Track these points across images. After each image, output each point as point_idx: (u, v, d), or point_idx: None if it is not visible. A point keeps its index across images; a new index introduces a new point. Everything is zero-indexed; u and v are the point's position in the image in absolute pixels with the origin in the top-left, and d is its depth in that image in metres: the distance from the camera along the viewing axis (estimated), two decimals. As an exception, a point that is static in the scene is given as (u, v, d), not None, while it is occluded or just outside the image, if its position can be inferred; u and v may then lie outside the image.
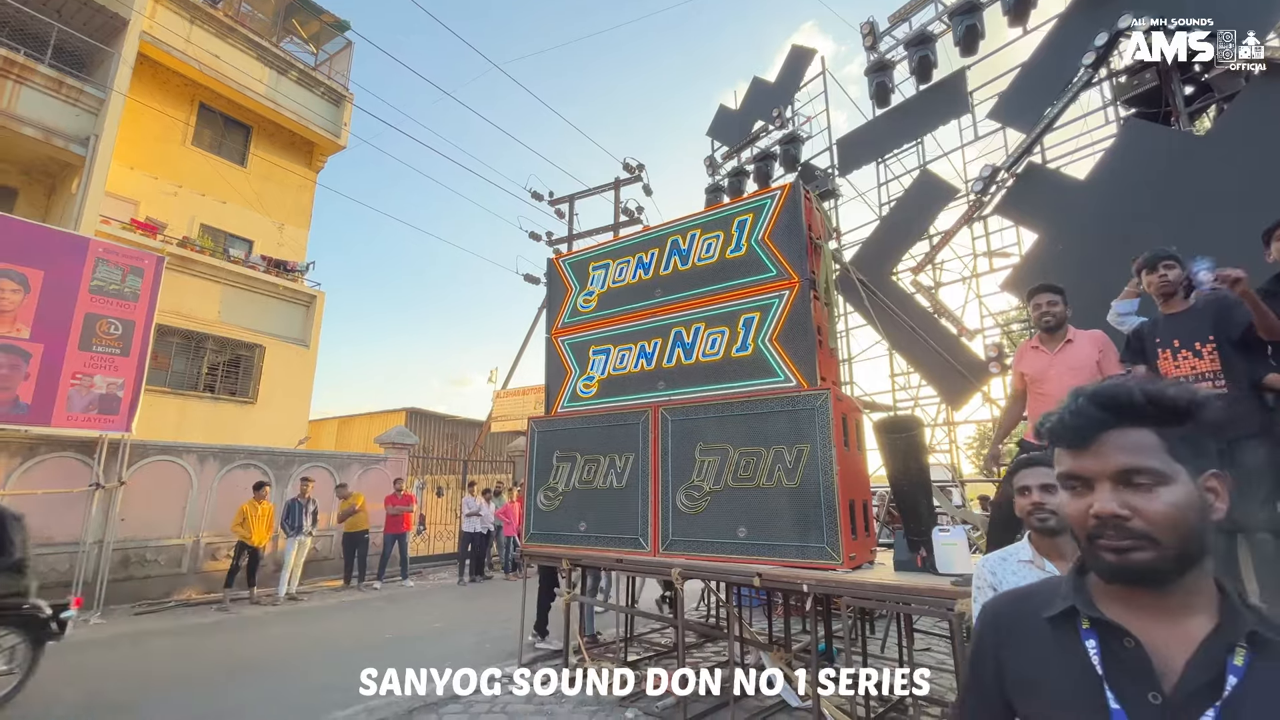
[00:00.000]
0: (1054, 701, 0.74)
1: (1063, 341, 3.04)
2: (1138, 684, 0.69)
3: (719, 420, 4.42)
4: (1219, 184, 4.64)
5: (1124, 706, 0.68)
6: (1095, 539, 0.71)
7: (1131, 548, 0.68)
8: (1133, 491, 0.69)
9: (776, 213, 4.61)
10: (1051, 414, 0.80)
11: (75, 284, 7.49)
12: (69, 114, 11.00)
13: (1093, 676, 0.71)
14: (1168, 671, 0.68)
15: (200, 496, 8.76)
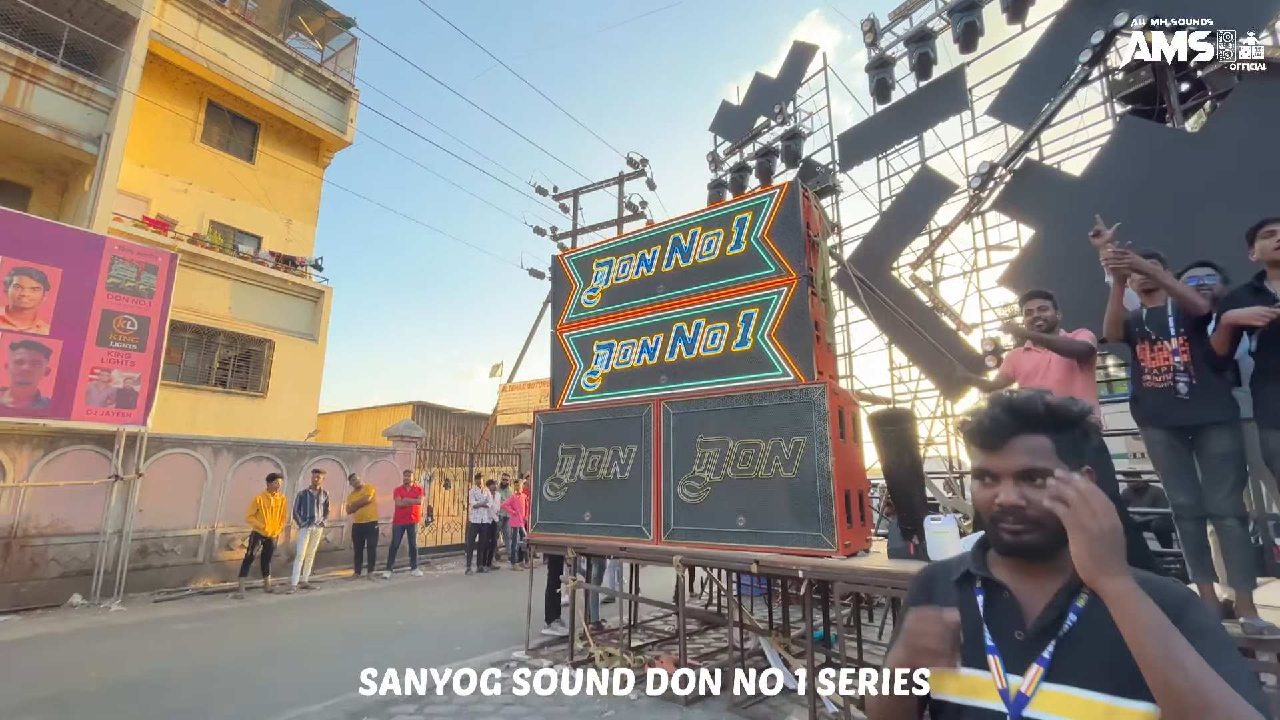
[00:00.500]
0: None
1: None
2: (1008, 625, 0.90)
3: (719, 413, 4.57)
4: (1211, 181, 4.72)
5: (997, 642, 0.89)
6: (997, 522, 0.90)
7: (1024, 530, 0.87)
8: (1030, 486, 0.87)
9: (775, 211, 4.72)
10: (970, 419, 0.96)
11: (92, 281, 7.68)
12: (81, 113, 11.15)
13: (978, 621, 0.92)
14: (1032, 615, 0.88)
15: (215, 488, 8.98)
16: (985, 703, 0.86)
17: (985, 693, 0.87)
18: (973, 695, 0.88)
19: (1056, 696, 0.81)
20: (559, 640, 5.70)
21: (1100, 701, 0.78)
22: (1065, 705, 0.80)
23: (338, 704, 4.08)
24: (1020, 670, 0.85)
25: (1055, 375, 3.01)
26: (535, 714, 3.97)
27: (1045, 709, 0.81)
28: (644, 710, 4.03)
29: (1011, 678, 0.85)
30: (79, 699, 4.24)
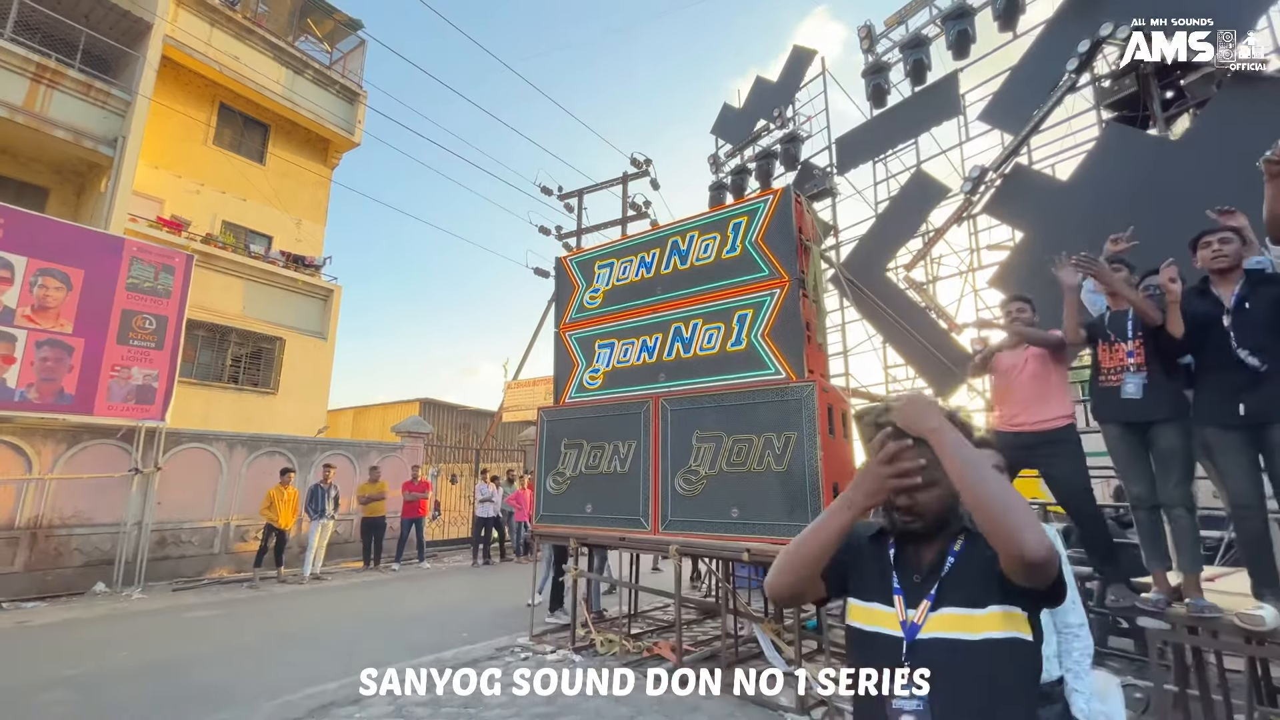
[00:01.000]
0: (868, 585, 1.17)
1: None
2: (909, 571, 1.15)
3: (715, 410, 4.78)
4: (1190, 187, 4.88)
5: (901, 585, 1.14)
6: (890, 511, 1.14)
7: (911, 521, 1.12)
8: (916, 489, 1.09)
9: (769, 216, 4.92)
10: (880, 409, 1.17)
11: (113, 282, 7.96)
12: (98, 116, 11.45)
13: (889, 567, 1.17)
14: (924, 560, 1.14)
15: (230, 482, 9.27)
16: (889, 631, 1.10)
17: (889, 624, 1.11)
18: (881, 625, 1.12)
19: (937, 618, 1.07)
20: (562, 627, 5.93)
21: (962, 614, 1.05)
22: (941, 623, 1.06)
23: (352, 682, 4.32)
24: (916, 605, 1.10)
25: (1030, 372, 3.21)
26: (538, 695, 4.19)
27: (929, 629, 1.06)
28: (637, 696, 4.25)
29: (910, 611, 1.09)
30: (108, 677, 4.50)
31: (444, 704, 3.99)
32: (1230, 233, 2.63)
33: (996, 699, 1.01)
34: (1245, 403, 2.44)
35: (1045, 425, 3.07)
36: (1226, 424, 2.50)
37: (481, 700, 4.06)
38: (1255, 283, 2.57)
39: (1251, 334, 2.50)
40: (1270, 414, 2.39)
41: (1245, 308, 2.54)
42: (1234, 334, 2.51)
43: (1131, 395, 2.76)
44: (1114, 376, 2.85)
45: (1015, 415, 3.21)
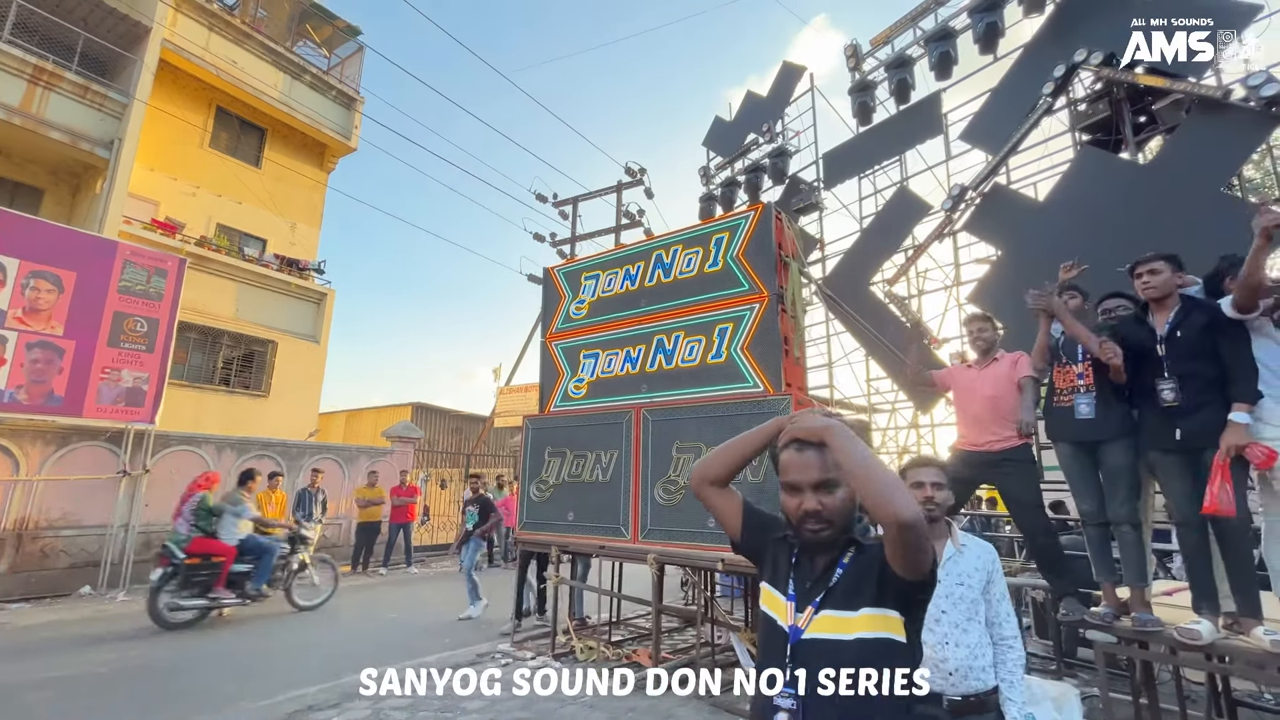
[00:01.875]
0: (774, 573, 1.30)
1: (990, 361, 3.46)
2: (804, 577, 1.25)
3: (695, 421, 4.87)
4: (1158, 211, 5.03)
5: (795, 588, 1.24)
6: (799, 525, 1.22)
7: (822, 529, 1.20)
8: (825, 494, 1.18)
9: (750, 232, 5.04)
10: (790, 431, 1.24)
11: (105, 284, 8.02)
12: (94, 118, 11.52)
13: (788, 569, 1.28)
14: (817, 569, 1.23)
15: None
16: (780, 621, 1.22)
17: (782, 614, 1.23)
18: (777, 613, 1.24)
19: (818, 621, 1.18)
20: (543, 634, 6.00)
21: (838, 616, 1.16)
22: (820, 625, 1.17)
23: (334, 686, 4.39)
24: (802, 609, 1.20)
25: (986, 393, 3.32)
26: (515, 699, 4.27)
27: (811, 631, 1.17)
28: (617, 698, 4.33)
29: (798, 615, 1.20)
30: (93, 680, 4.55)
31: (421, 707, 4.06)
32: (1160, 262, 2.74)
33: (865, 696, 1.09)
34: (1180, 428, 2.56)
35: (1001, 445, 3.18)
36: (1166, 448, 2.62)
37: (459, 705, 4.13)
38: (1188, 310, 2.68)
39: (1180, 361, 2.61)
40: (1203, 439, 2.51)
41: (1177, 335, 2.65)
42: (1166, 361, 2.63)
43: (1084, 416, 2.87)
44: (1066, 397, 2.96)
45: (972, 435, 3.32)
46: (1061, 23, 5.97)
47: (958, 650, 1.84)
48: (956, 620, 1.88)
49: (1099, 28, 5.66)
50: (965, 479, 3.44)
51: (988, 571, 1.92)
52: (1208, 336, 2.56)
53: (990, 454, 3.21)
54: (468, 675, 4.76)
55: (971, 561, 1.93)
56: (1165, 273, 2.72)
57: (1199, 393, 2.55)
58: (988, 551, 1.97)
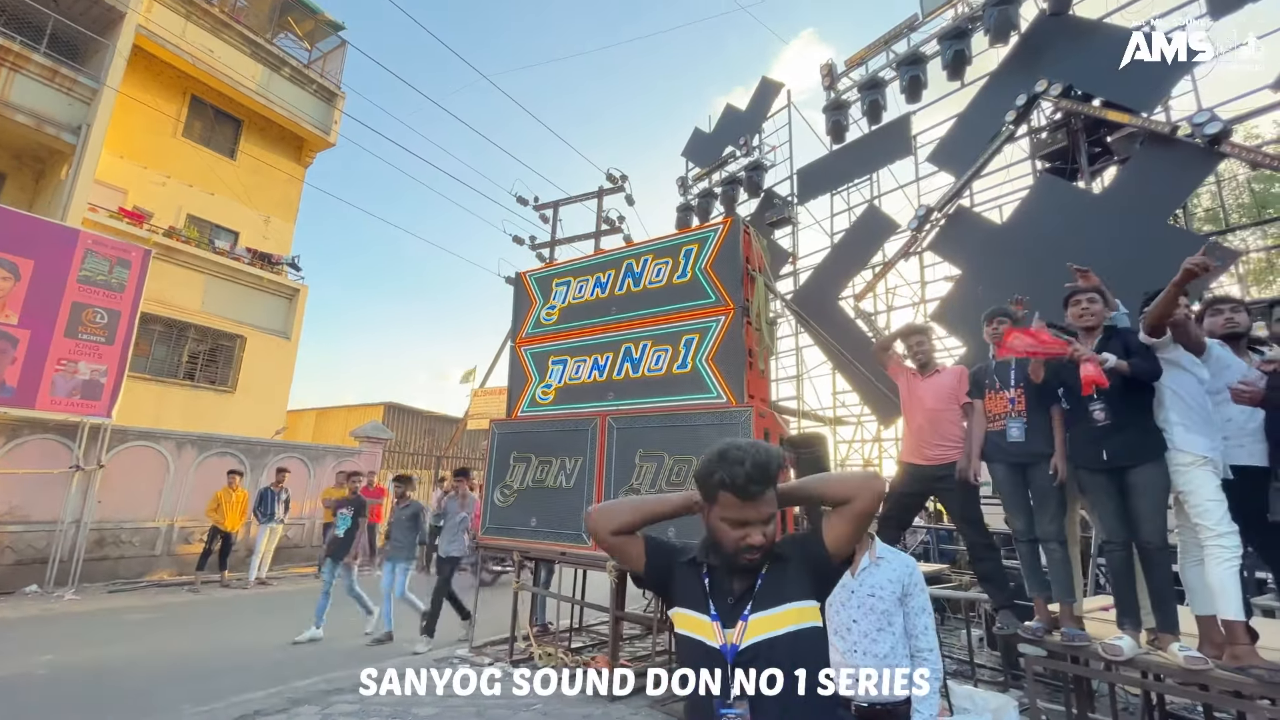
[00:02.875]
0: (688, 597, 1.31)
1: (931, 372, 3.59)
2: (722, 594, 1.28)
3: (658, 430, 4.92)
4: (1110, 238, 5.23)
5: (716, 608, 1.27)
6: (738, 554, 1.22)
7: (760, 556, 1.23)
8: (768, 525, 1.22)
9: (718, 245, 5.11)
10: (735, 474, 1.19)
11: (64, 273, 7.81)
12: (62, 102, 11.23)
13: (703, 593, 1.29)
14: (735, 586, 1.27)
15: (177, 482, 9.08)
16: (709, 641, 1.24)
17: (709, 634, 1.25)
18: (702, 634, 1.26)
19: (751, 627, 1.22)
20: (503, 640, 5.97)
21: (767, 615, 1.22)
22: (754, 628, 1.22)
23: (279, 692, 4.32)
24: (732, 624, 1.23)
25: (928, 404, 3.44)
26: (469, 704, 4.25)
27: (747, 638, 1.21)
28: (572, 704, 4.33)
29: (727, 631, 1.23)
30: (27, 681, 4.41)
31: (371, 713, 4.02)
32: (1095, 293, 2.89)
33: (805, 683, 1.17)
34: (1106, 449, 2.68)
35: (938, 460, 3.30)
36: (1094, 467, 2.74)
37: (410, 710, 4.09)
38: (1109, 337, 2.83)
39: None
40: (1126, 458, 2.63)
41: None
42: None
43: (1014, 439, 3.00)
44: (999, 421, 3.09)
45: (914, 448, 3.44)
46: (1025, 54, 6.18)
47: (866, 659, 1.91)
48: (866, 630, 1.95)
49: (1060, 60, 5.88)
50: (912, 493, 3.54)
51: (903, 584, 1.99)
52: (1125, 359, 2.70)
53: (931, 468, 3.32)
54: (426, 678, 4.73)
55: (887, 574, 2.00)
56: (1100, 303, 2.87)
57: (1122, 414, 2.67)
58: (905, 565, 2.03)
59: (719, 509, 1.23)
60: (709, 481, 1.23)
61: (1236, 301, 2.87)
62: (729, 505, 1.21)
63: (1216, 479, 2.50)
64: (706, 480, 1.24)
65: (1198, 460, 2.50)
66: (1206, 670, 2.36)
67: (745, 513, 1.20)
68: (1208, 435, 2.55)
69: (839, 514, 1.27)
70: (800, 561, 1.28)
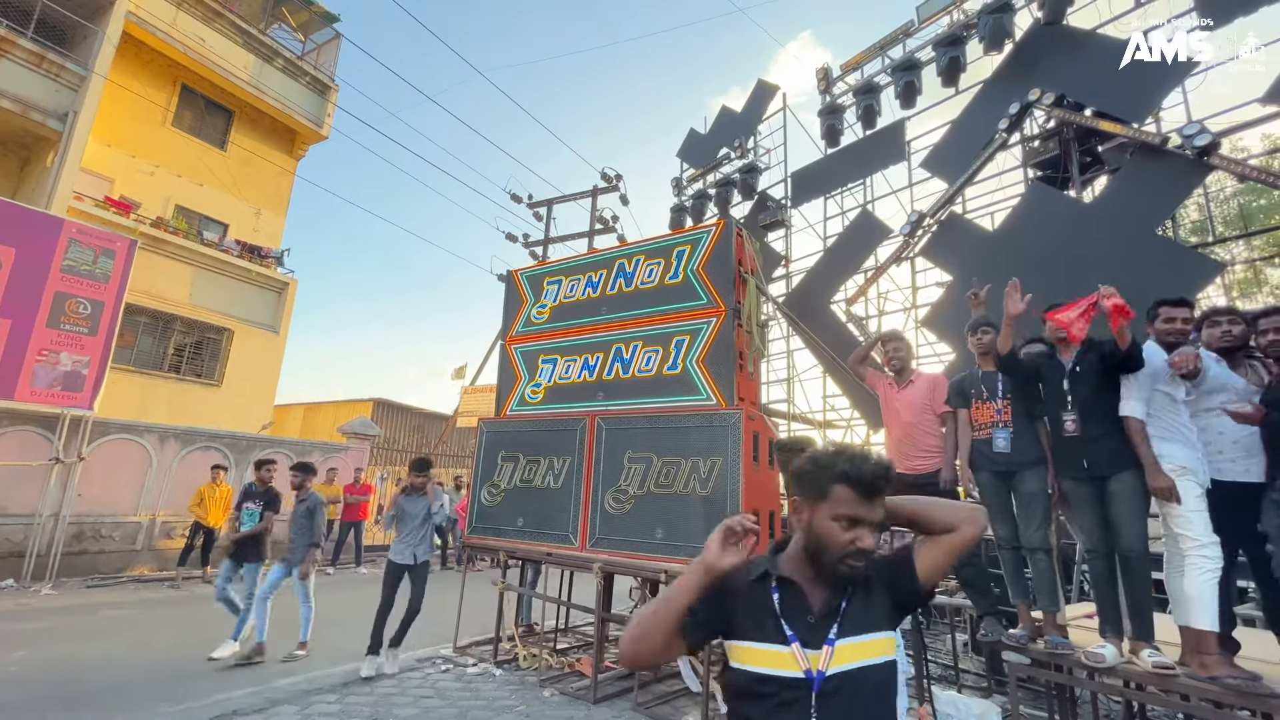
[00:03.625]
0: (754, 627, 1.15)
1: (906, 382, 3.61)
2: (800, 613, 1.14)
3: (647, 431, 4.89)
4: (1100, 247, 5.26)
5: (792, 628, 1.13)
6: (845, 558, 1.12)
7: (865, 566, 1.13)
8: (875, 531, 1.13)
9: (710, 246, 5.10)
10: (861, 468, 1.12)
11: (47, 263, 7.68)
12: (48, 89, 11.05)
13: (773, 611, 1.15)
14: (816, 604, 1.15)
15: (159, 476, 8.96)
16: (788, 672, 1.09)
17: (787, 665, 1.10)
18: (778, 667, 1.10)
19: (840, 652, 1.10)
20: (487, 640, 5.92)
21: (858, 641, 1.12)
22: (843, 656, 1.10)
23: (258, 691, 4.25)
24: (816, 647, 1.11)
25: (904, 418, 3.46)
26: (450, 706, 4.20)
27: (835, 666, 1.09)
28: (554, 706, 4.30)
29: (810, 652, 1.10)
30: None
31: (351, 713, 3.96)
32: None
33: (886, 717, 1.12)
34: (1086, 458, 2.69)
35: (917, 470, 3.32)
36: (1075, 476, 2.75)
37: (390, 710, 4.04)
38: (1086, 349, 2.86)
39: (1081, 395, 2.78)
40: (1106, 467, 2.65)
41: (1077, 372, 2.82)
42: (1069, 396, 2.78)
43: (1001, 449, 3.01)
44: (985, 430, 3.10)
45: (895, 458, 3.45)
46: (1019, 62, 6.21)
47: None
48: None
49: (1053, 69, 5.92)
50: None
51: None
52: (1104, 370, 2.72)
53: (912, 478, 3.33)
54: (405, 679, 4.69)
55: None
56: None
57: (1098, 424, 2.69)
58: None
59: (831, 505, 1.13)
60: (827, 474, 1.14)
61: (1235, 314, 2.84)
62: (846, 501, 1.12)
63: (1198, 489, 2.51)
64: (824, 472, 1.14)
65: (1177, 470, 2.51)
66: (1174, 677, 2.38)
67: (863, 511, 1.11)
68: (1186, 445, 2.57)
69: (937, 543, 1.19)
70: (885, 586, 1.18)
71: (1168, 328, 2.76)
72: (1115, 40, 5.53)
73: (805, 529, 1.17)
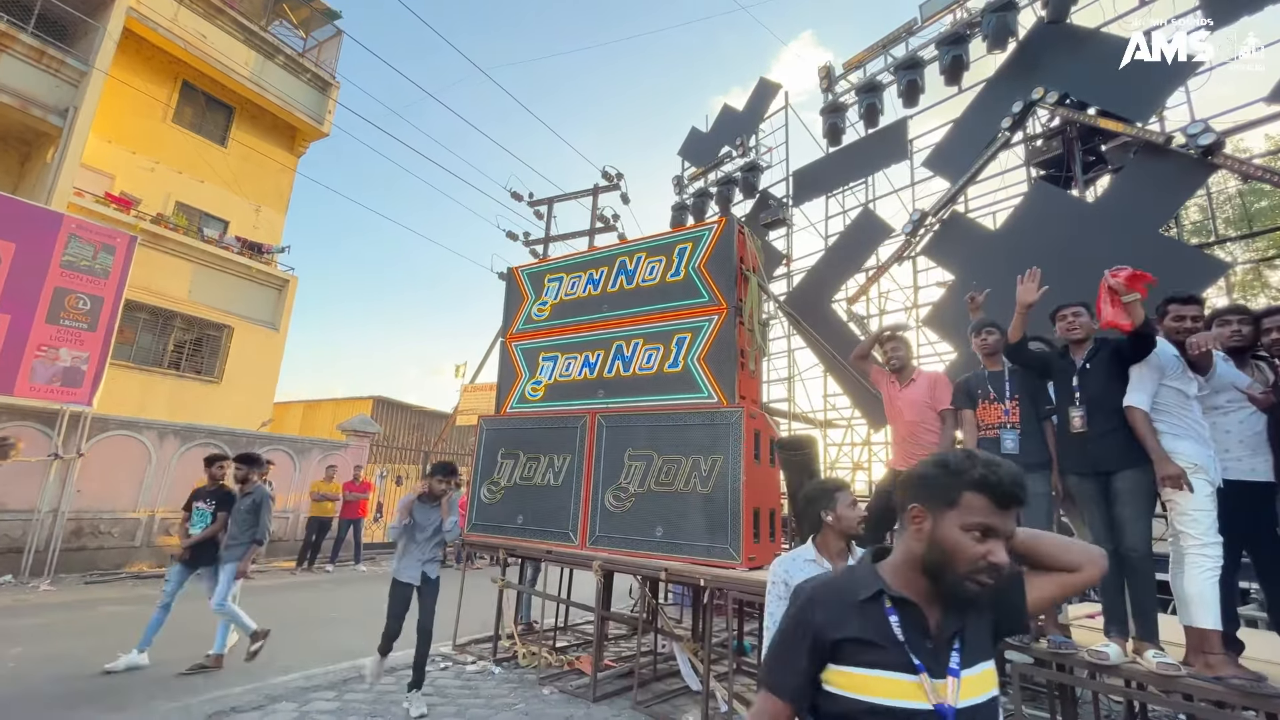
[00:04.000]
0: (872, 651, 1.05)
1: (908, 380, 3.59)
2: (917, 636, 1.04)
3: (648, 429, 4.87)
4: (1103, 247, 5.24)
5: (912, 651, 1.03)
6: (974, 574, 1.00)
7: (993, 583, 1.01)
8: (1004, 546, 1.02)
9: (712, 244, 5.08)
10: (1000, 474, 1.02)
11: (47, 258, 7.66)
12: (49, 84, 11.03)
13: (893, 637, 1.05)
14: (931, 623, 1.05)
15: (158, 472, 8.94)
16: (911, 703, 1.00)
17: (915, 696, 1.00)
18: (896, 697, 1.01)
19: (965, 685, 1.02)
20: (486, 638, 5.91)
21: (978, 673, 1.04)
22: (968, 686, 1.02)
23: (257, 688, 4.24)
24: (939, 675, 1.02)
25: (907, 417, 3.45)
26: (449, 704, 4.19)
27: (964, 700, 1.01)
28: (553, 704, 4.28)
29: (935, 681, 1.01)
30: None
31: (350, 710, 3.95)
32: (1081, 307, 2.92)
33: None
34: (1091, 453, 2.69)
35: None
36: (1082, 472, 2.74)
37: (389, 709, 4.03)
38: (1097, 347, 2.87)
39: (1090, 390, 2.79)
40: (1111, 463, 2.64)
41: (1087, 369, 2.82)
42: (1078, 392, 2.78)
43: (1009, 450, 3.01)
44: (992, 431, 3.10)
45: (898, 456, 3.44)
46: (1022, 61, 6.19)
47: None
48: None
49: (1057, 68, 5.89)
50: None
51: None
52: (1115, 366, 2.72)
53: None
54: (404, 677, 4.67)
55: None
56: (1085, 316, 2.88)
57: (1106, 419, 2.68)
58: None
59: (961, 514, 1.02)
60: (960, 479, 1.03)
61: (1245, 312, 2.81)
62: (979, 510, 1.01)
63: (1209, 488, 2.49)
64: (957, 477, 1.03)
65: (1190, 467, 2.49)
66: (1178, 677, 2.36)
67: (998, 522, 1.00)
68: (1197, 442, 2.55)
69: (1057, 580, 1.10)
70: (990, 613, 1.09)
71: (1178, 325, 2.75)
72: (1118, 39, 5.51)
73: (926, 539, 1.06)
